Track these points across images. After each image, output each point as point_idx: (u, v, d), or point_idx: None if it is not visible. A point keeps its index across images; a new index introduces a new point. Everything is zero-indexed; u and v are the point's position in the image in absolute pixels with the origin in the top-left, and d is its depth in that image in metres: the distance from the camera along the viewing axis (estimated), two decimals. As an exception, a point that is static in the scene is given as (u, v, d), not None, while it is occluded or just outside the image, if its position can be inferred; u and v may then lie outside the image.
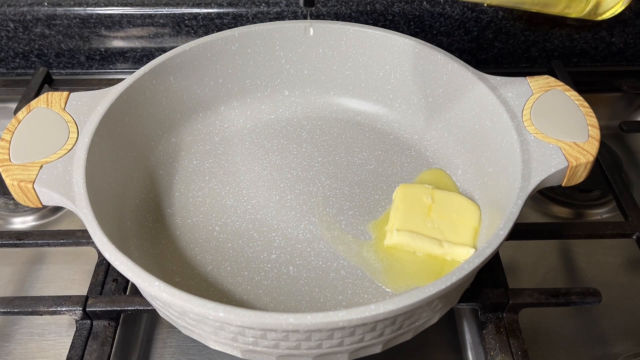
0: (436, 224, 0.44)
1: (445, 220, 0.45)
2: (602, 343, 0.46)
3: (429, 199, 0.46)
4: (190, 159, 0.52)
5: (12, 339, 0.47)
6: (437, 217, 0.45)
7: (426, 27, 0.65)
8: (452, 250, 0.44)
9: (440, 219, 0.45)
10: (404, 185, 0.48)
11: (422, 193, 0.47)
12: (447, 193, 0.47)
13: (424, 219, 0.45)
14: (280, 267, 0.45)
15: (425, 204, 0.46)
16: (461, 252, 0.43)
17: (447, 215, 0.45)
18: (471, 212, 0.46)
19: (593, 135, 0.43)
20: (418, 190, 0.47)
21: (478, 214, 0.46)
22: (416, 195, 0.47)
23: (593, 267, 0.51)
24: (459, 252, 0.43)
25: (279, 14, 0.63)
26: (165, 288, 0.33)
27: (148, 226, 0.47)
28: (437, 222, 0.45)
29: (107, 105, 0.45)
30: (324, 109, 0.57)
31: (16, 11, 0.63)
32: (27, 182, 0.40)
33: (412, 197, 0.46)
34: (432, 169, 0.51)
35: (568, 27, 0.65)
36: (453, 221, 0.45)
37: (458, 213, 0.45)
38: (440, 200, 0.46)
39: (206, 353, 0.45)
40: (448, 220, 0.45)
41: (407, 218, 0.45)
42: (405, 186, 0.48)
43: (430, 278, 0.43)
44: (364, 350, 0.38)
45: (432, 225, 0.44)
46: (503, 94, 0.46)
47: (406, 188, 0.48)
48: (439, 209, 0.46)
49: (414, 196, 0.46)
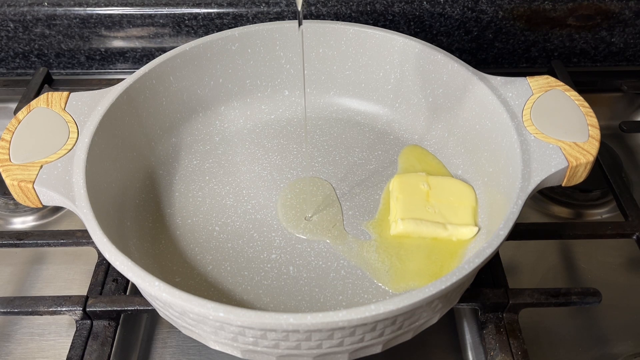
0: (436, 208, 0.46)
1: (444, 204, 0.46)
2: (602, 343, 0.46)
3: (425, 185, 0.47)
4: (190, 159, 0.52)
5: (12, 339, 0.47)
6: (436, 202, 0.46)
7: (426, 27, 0.65)
8: (456, 231, 0.45)
9: (439, 203, 0.46)
10: (398, 176, 0.49)
11: (417, 181, 0.48)
12: (441, 178, 0.48)
13: (424, 205, 0.46)
14: (280, 267, 0.45)
15: (422, 191, 0.47)
16: (465, 231, 0.45)
17: (445, 198, 0.46)
18: (467, 193, 0.47)
19: (593, 135, 0.43)
20: (413, 178, 0.48)
21: (473, 194, 0.47)
22: (412, 183, 0.48)
23: (593, 267, 0.51)
24: (463, 232, 0.45)
25: (279, 14, 0.63)
26: (165, 288, 0.33)
27: (148, 226, 0.47)
28: (437, 206, 0.46)
29: (107, 105, 0.45)
30: (324, 109, 0.57)
31: (16, 11, 0.63)
32: (27, 182, 0.40)
33: (409, 185, 0.48)
34: (409, 147, 0.53)
35: (568, 27, 0.65)
36: (451, 204, 0.46)
37: (455, 195, 0.47)
38: (436, 185, 0.48)
39: (206, 353, 0.45)
40: (447, 203, 0.46)
41: (408, 206, 0.46)
42: (400, 176, 0.49)
43: (432, 277, 0.43)
44: (364, 351, 0.38)
45: (432, 210, 0.46)
46: (503, 94, 0.46)
47: (401, 178, 0.49)
48: (436, 194, 0.47)
49: (411, 184, 0.48)
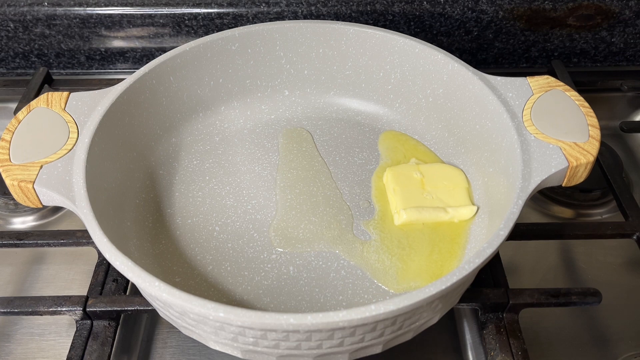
0: (433, 194, 0.47)
1: (439, 189, 0.48)
2: (602, 343, 0.46)
3: (418, 174, 0.48)
4: (190, 159, 0.52)
5: (12, 339, 0.47)
6: (431, 188, 0.48)
7: (426, 27, 0.65)
8: (457, 213, 0.46)
9: (434, 189, 0.48)
10: (390, 168, 0.50)
11: (410, 171, 0.49)
12: (431, 165, 0.50)
13: (421, 193, 0.48)
14: (281, 267, 0.45)
15: (416, 180, 0.48)
16: (465, 212, 0.46)
17: (439, 184, 0.48)
18: (458, 176, 0.49)
19: (593, 135, 0.43)
20: (405, 169, 0.49)
21: (464, 175, 0.49)
22: (406, 174, 0.49)
23: (593, 267, 0.51)
24: (463, 213, 0.46)
25: (279, 14, 0.63)
26: (165, 288, 0.33)
27: (148, 226, 0.47)
28: (433, 192, 0.47)
29: (107, 105, 0.45)
30: (324, 109, 0.57)
31: (16, 11, 0.63)
32: (27, 182, 0.40)
33: (402, 176, 0.49)
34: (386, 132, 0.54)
35: (568, 27, 0.65)
36: (446, 188, 0.48)
37: (447, 179, 0.48)
38: (428, 172, 0.49)
39: (206, 353, 0.45)
40: (442, 188, 0.48)
41: (407, 196, 0.47)
42: (392, 169, 0.50)
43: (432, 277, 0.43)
44: (364, 351, 0.38)
45: (430, 196, 0.47)
46: (503, 94, 0.46)
47: (394, 170, 0.49)
48: (430, 180, 0.48)
49: (404, 175, 0.49)
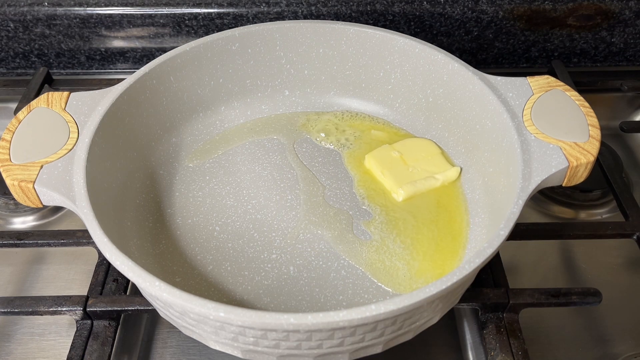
0: (417, 167, 0.50)
1: (419, 161, 0.51)
2: (602, 343, 0.46)
3: (396, 153, 0.51)
4: (190, 158, 0.52)
5: (12, 339, 0.47)
6: (412, 162, 0.50)
7: (426, 27, 0.65)
8: (444, 176, 0.50)
9: (416, 162, 0.50)
10: (370, 154, 0.52)
11: (388, 152, 0.51)
12: (402, 142, 0.53)
13: (407, 169, 0.50)
14: (281, 267, 0.45)
15: (397, 158, 0.51)
16: (451, 173, 0.50)
17: (417, 156, 0.51)
18: (429, 145, 0.52)
19: (593, 135, 0.43)
20: (383, 151, 0.52)
21: (433, 143, 0.52)
22: (385, 156, 0.51)
23: (593, 267, 0.51)
24: (450, 175, 0.50)
25: (279, 14, 0.63)
26: (165, 288, 0.33)
27: (148, 226, 0.47)
28: (416, 165, 0.50)
29: (107, 105, 0.45)
30: (324, 109, 0.57)
31: (16, 11, 0.63)
32: (28, 182, 0.40)
33: (384, 158, 0.51)
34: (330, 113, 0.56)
35: (568, 27, 0.65)
36: (424, 158, 0.51)
37: (422, 151, 0.51)
38: (403, 149, 0.52)
39: (206, 353, 0.45)
40: (421, 159, 0.51)
41: (397, 174, 0.50)
42: (371, 154, 0.51)
43: (433, 277, 0.43)
44: (364, 350, 0.38)
45: (415, 169, 0.50)
46: (503, 94, 0.46)
47: (374, 155, 0.51)
48: (408, 156, 0.51)
49: (385, 157, 0.51)
